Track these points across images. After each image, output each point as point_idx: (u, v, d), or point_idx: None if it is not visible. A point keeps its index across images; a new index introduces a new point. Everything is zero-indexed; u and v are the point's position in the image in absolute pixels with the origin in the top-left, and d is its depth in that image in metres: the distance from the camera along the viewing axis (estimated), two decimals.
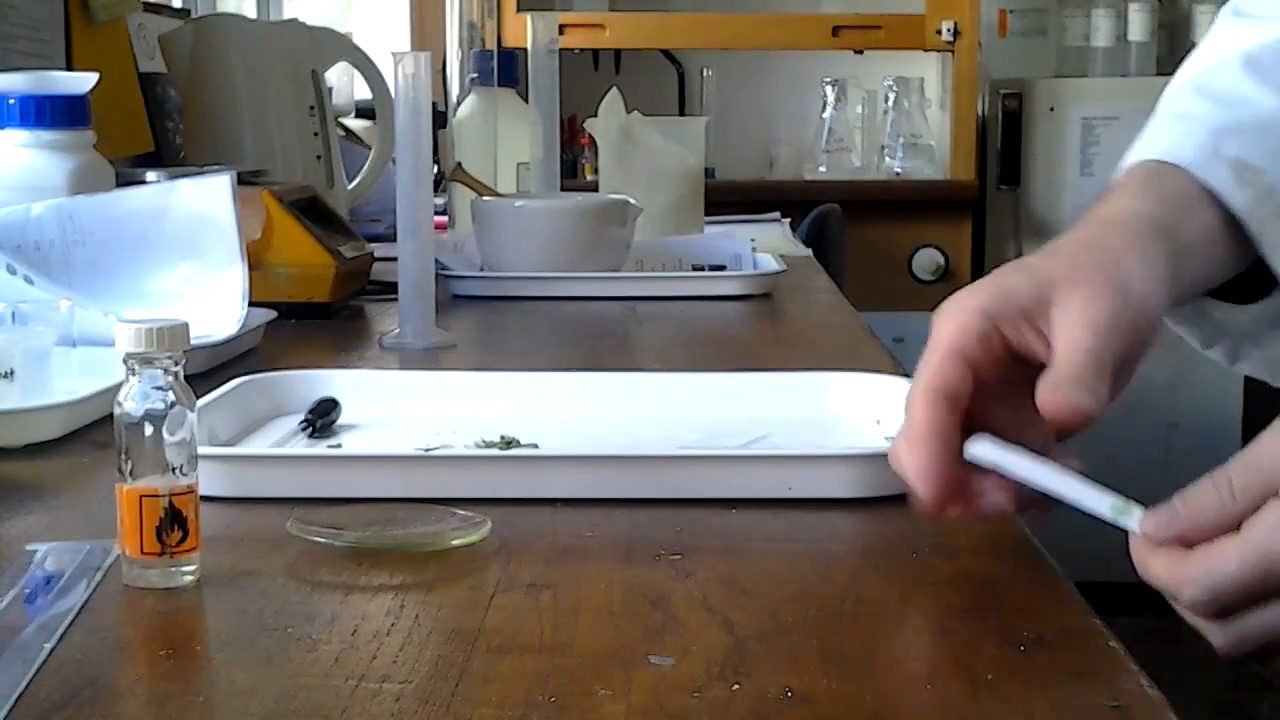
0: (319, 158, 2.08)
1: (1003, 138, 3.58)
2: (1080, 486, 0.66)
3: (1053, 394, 0.67)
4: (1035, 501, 0.69)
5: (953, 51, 3.59)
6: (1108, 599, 1.04)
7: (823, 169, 3.80)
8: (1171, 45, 3.67)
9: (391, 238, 1.47)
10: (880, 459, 0.84)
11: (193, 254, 1.28)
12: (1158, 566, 0.61)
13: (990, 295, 0.70)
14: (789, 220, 2.74)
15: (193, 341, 0.71)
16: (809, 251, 2.36)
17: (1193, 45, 0.94)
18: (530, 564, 0.72)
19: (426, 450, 0.90)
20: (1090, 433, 0.67)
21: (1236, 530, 0.60)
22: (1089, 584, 0.82)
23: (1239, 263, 0.78)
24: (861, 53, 3.79)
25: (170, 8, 2.46)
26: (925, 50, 3.66)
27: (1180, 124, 0.79)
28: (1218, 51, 0.85)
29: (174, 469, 0.69)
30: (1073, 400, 0.66)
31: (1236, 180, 0.75)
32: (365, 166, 2.20)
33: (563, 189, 2.17)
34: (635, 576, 0.71)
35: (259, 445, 0.96)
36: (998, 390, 0.70)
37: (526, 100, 2.11)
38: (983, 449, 0.69)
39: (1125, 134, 0.85)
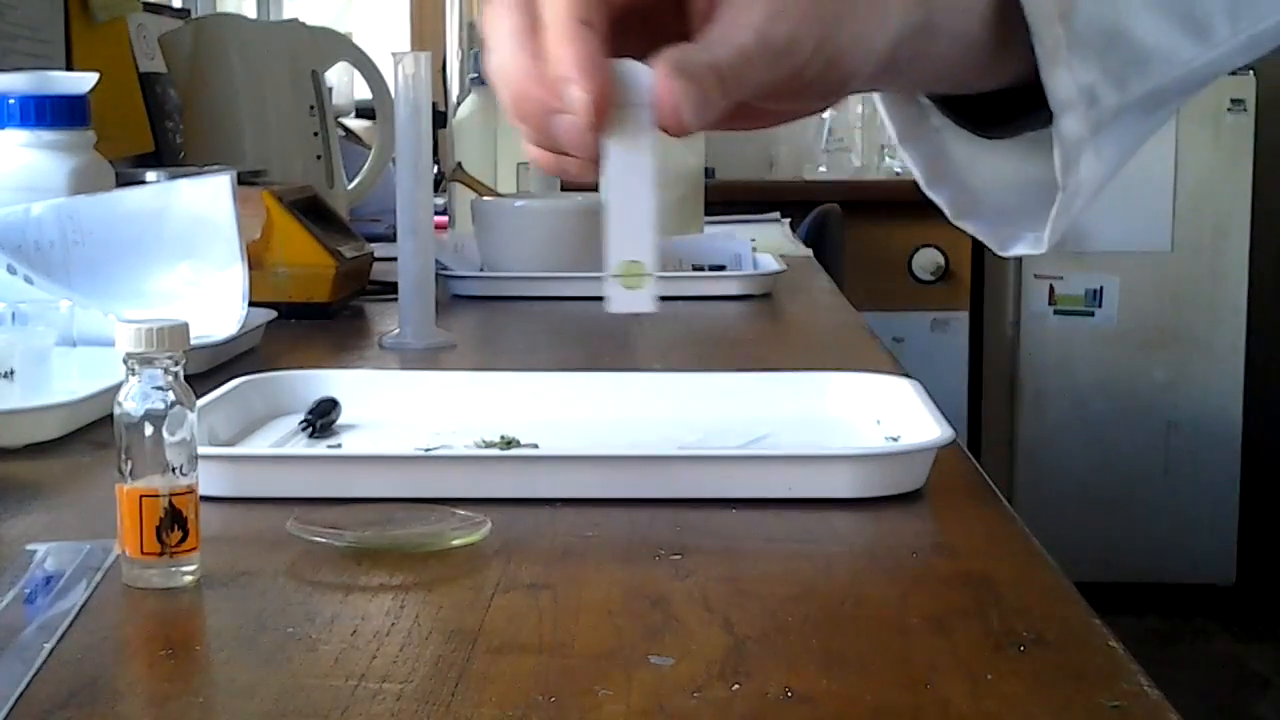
0: (319, 158, 2.08)
1: None
2: (633, 221, 0.56)
3: (669, 78, 0.54)
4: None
5: None
6: (1108, 599, 1.04)
7: (822, 169, 3.80)
8: None
9: (391, 238, 1.47)
10: (880, 459, 0.84)
11: (192, 254, 1.28)
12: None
13: None
14: (789, 220, 2.74)
15: (193, 341, 0.71)
16: (809, 251, 2.36)
17: None
18: (530, 564, 0.72)
19: (426, 450, 0.90)
20: (1090, 433, 0.66)
21: None
22: (1089, 584, 0.82)
23: (992, 59, 0.62)
24: None
25: (170, 8, 2.46)
26: None
27: None
28: None
29: (174, 469, 0.69)
30: (681, 101, 0.54)
31: None
32: (365, 166, 2.20)
33: (563, 189, 2.17)
34: (635, 576, 0.71)
35: (259, 445, 0.96)
36: (631, 25, 0.57)
37: None
38: (643, 76, 0.55)
39: None
